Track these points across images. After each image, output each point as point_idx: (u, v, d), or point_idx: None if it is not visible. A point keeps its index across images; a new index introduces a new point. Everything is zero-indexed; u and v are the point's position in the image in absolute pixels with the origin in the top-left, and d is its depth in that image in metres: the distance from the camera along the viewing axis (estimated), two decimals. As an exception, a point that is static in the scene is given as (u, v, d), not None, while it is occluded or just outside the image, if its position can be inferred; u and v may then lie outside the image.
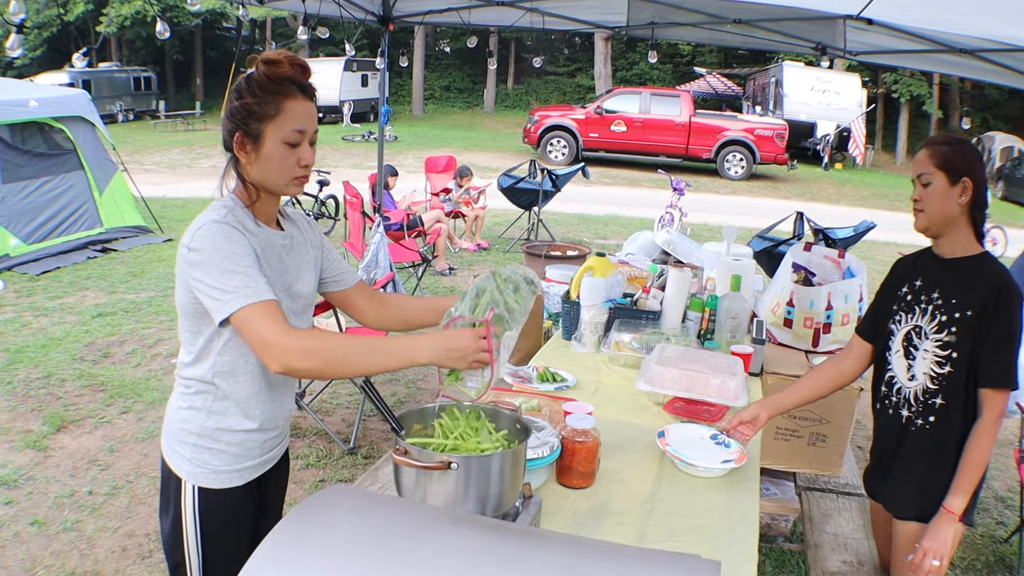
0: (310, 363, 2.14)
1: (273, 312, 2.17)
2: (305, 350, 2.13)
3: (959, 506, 2.89)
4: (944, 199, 2.95)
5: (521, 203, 14.05)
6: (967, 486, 2.89)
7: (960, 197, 2.93)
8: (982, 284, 2.90)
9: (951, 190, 2.93)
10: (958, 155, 2.95)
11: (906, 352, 3.12)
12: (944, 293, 3.00)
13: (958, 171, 2.93)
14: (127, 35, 42.88)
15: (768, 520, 4.70)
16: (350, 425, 6.22)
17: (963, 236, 3.01)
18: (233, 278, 2.17)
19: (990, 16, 4.79)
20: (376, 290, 2.94)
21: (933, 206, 2.98)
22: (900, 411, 3.13)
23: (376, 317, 2.84)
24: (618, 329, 4.30)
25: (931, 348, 3.00)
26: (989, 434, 2.88)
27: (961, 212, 2.96)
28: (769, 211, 15.46)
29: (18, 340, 7.98)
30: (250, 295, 2.16)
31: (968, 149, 2.97)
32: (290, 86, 2.31)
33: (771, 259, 8.43)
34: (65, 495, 5.14)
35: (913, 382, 3.07)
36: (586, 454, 2.69)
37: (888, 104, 36.66)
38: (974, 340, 2.89)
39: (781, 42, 7.71)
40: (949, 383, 2.96)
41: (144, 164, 22.15)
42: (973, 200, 2.94)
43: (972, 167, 2.93)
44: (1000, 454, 6.47)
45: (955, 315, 2.94)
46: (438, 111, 42.24)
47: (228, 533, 2.49)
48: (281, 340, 2.12)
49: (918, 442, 3.07)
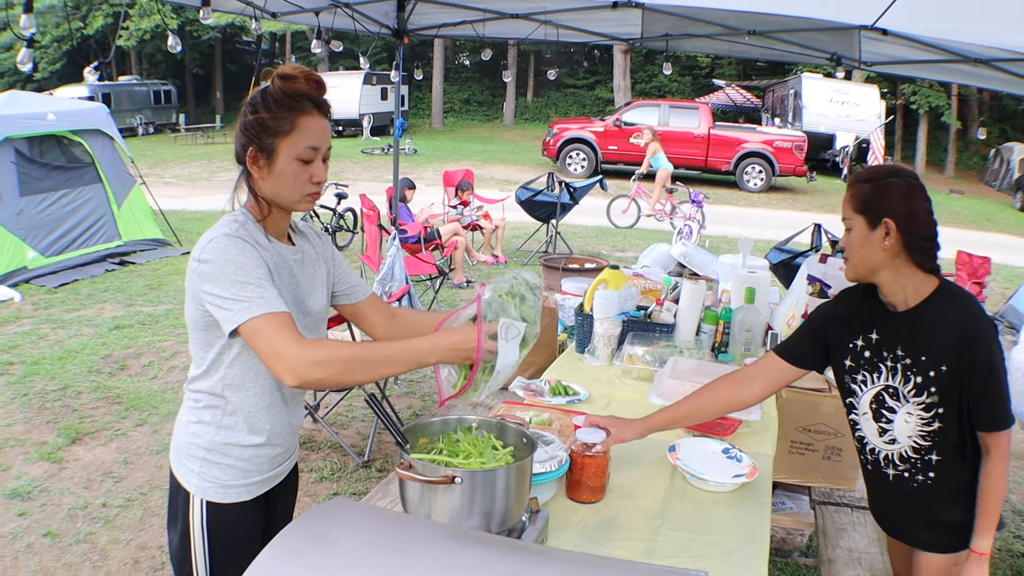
0: (325, 372, 2.13)
1: (286, 323, 2.16)
2: (318, 360, 2.12)
3: (986, 546, 2.67)
4: (864, 246, 2.68)
5: (539, 216, 14.06)
6: (990, 524, 2.67)
7: (883, 241, 2.62)
8: (950, 336, 2.61)
9: (871, 235, 2.65)
10: (877, 194, 2.65)
11: (875, 415, 2.84)
12: (909, 351, 2.71)
13: (878, 212, 2.63)
14: (147, 49, 43.17)
15: (783, 534, 4.67)
16: (365, 438, 6.21)
17: (908, 281, 2.69)
18: (245, 289, 2.16)
19: (1004, 26, 4.77)
20: (388, 304, 2.93)
21: (855, 254, 2.73)
22: (885, 471, 2.89)
23: (388, 331, 2.81)
24: (631, 342, 4.29)
25: (915, 412, 2.72)
26: (999, 468, 2.64)
27: (890, 256, 2.65)
28: (788, 223, 15.41)
29: (35, 352, 8.01)
30: (263, 305, 2.15)
31: (890, 184, 2.65)
32: (305, 102, 2.31)
33: (788, 271, 8.40)
34: (79, 507, 5.15)
35: (895, 445, 2.81)
36: (596, 469, 2.67)
37: (907, 115, 36.52)
38: (959, 392, 2.63)
39: (797, 53, 7.68)
40: (942, 438, 2.72)
41: (164, 177, 22.27)
42: (907, 240, 2.62)
43: (894, 205, 2.61)
44: (1017, 467, 6.43)
45: (930, 374, 2.66)
46: (458, 124, 42.31)
47: (235, 547, 2.48)
48: (294, 351, 2.11)
49: (927, 496, 2.81)
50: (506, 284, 2.37)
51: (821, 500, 4.68)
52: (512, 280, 2.38)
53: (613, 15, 7.20)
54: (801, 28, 6.75)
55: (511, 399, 3.68)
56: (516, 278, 2.38)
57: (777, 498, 4.82)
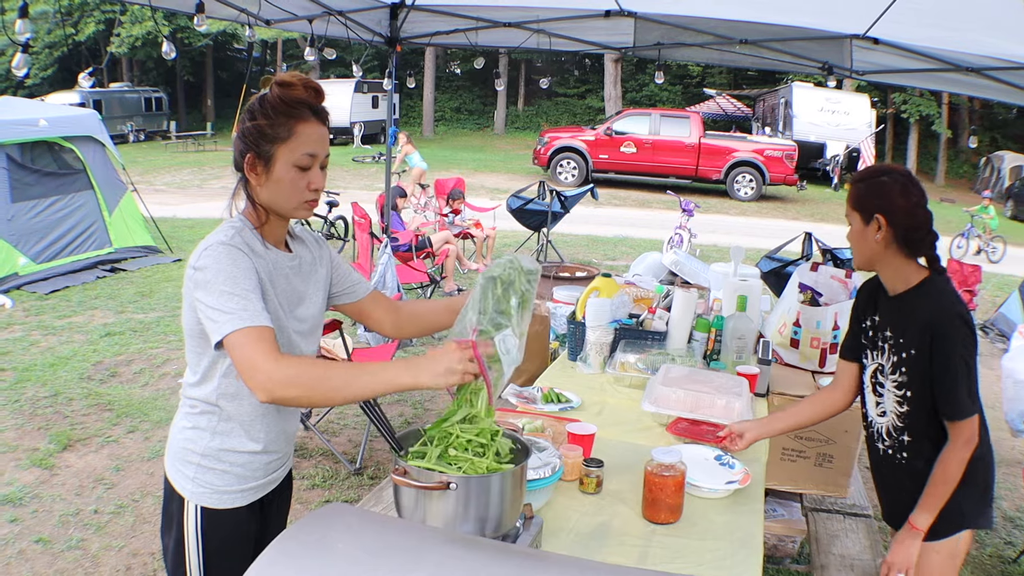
0: (294, 392, 2.09)
1: (264, 338, 2.13)
2: (288, 379, 2.07)
3: (924, 523, 2.91)
4: (861, 239, 2.99)
5: (530, 224, 14.03)
6: (932, 504, 2.90)
7: (876, 235, 2.92)
8: (919, 321, 2.88)
9: (866, 229, 2.96)
10: (870, 192, 2.96)
11: (873, 388, 3.15)
12: (894, 331, 3.01)
13: (870, 209, 2.93)
14: (138, 55, 43.17)
15: (775, 541, 4.68)
16: (357, 446, 6.21)
17: (899, 270, 2.98)
18: (231, 300, 2.15)
19: (995, 34, 4.80)
20: (391, 300, 2.91)
21: (855, 246, 3.05)
22: (876, 444, 3.17)
23: (393, 326, 2.82)
24: (623, 350, 4.30)
25: (891, 388, 3.03)
26: (956, 457, 2.85)
27: (884, 248, 2.94)
28: (778, 232, 15.46)
29: (26, 359, 8.00)
30: (245, 319, 2.13)
31: (881, 182, 2.95)
32: (303, 109, 2.32)
33: (779, 279, 8.40)
34: (70, 513, 5.15)
35: (884, 418, 3.10)
36: (675, 487, 2.64)
37: (897, 124, 36.64)
38: (923, 378, 2.89)
39: (788, 62, 7.72)
40: (912, 421, 2.98)
41: (155, 184, 22.24)
42: (898, 232, 2.91)
43: (884, 202, 2.91)
44: (1009, 474, 6.45)
45: (903, 355, 2.95)
46: (449, 132, 42.36)
47: (230, 553, 2.48)
48: (266, 367, 2.07)
49: (905, 476, 3.06)
50: (499, 268, 2.31)
51: (813, 507, 4.68)
52: (507, 265, 2.32)
53: (606, 24, 7.23)
54: (792, 37, 6.78)
55: (504, 406, 3.68)
56: (512, 262, 2.33)
57: (769, 505, 4.83)
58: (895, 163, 32.06)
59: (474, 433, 2.15)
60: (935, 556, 2.99)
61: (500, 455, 2.16)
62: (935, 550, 2.98)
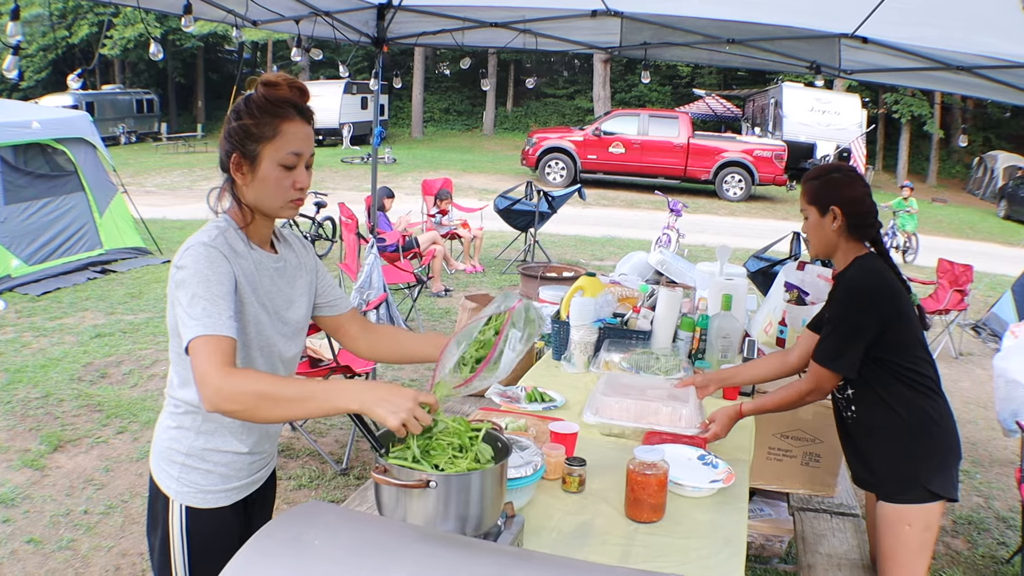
0: (236, 407, 2.07)
1: (221, 348, 2.11)
2: (234, 393, 2.05)
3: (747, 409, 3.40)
4: (819, 230, 3.33)
5: (517, 225, 14.06)
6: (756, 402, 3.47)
7: (832, 224, 3.27)
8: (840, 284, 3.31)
9: (823, 220, 3.30)
10: (824, 187, 3.30)
11: None
12: (831, 300, 3.39)
13: (825, 202, 3.28)
14: (130, 58, 43.10)
15: (762, 541, 4.70)
16: (343, 446, 6.22)
17: (847, 253, 3.32)
18: (198, 304, 2.14)
19: (985, 32, 4.81)
20: (368, 320, 2.92)
21: (813, 237, 3.39)
22: (842, 413, 3.47)
23: (369, 347, 2.82)
24: (608, 349, 4.31)
25: None
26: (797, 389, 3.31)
27: (838, 236, 3.29)
28: (767, 232, 15.49)
29: (18, 360, 8.00)
30: (208, 326, 2.12)
31: (834, 178, 3.32)
32: (288, 109, 2.33)
33: (767, 279, 8.43)
34: (61, 514, 5.16)
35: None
36: (657, 486, 2.65)
37: (889, 124, 36.69)
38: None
39: (777, 62, 7.73)
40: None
41: (145, 186, 22.22)
42: (850, 220, 3.26)
43: (838, 194, 3.27)
44: (1001, 474, 6.48)
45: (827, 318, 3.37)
46: (437, 133, 42.31)
47: (214, 552, 2.46)
48: (214, 379, 2.06)
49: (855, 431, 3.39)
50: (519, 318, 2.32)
51: (800, 506, 4.69)
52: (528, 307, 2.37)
53: (592, 23, 7.23)
54: (781, 37, 6.78)
55: (487, 405, 3.69)
56: (530, 308, 2.37)
57: (756, 505, 4.84)
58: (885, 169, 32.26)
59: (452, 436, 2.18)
60: (909, 529, 3.18)
61: (480, 462, 2.17)
62: (907, 522, 3.19)
